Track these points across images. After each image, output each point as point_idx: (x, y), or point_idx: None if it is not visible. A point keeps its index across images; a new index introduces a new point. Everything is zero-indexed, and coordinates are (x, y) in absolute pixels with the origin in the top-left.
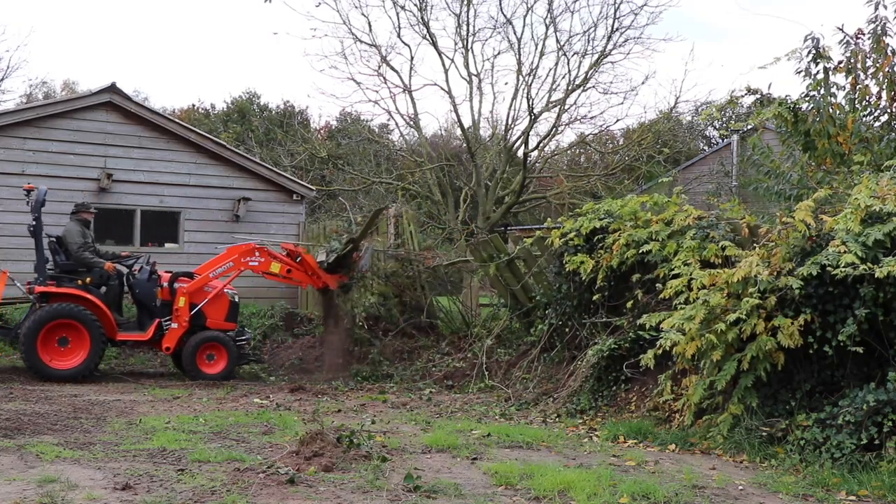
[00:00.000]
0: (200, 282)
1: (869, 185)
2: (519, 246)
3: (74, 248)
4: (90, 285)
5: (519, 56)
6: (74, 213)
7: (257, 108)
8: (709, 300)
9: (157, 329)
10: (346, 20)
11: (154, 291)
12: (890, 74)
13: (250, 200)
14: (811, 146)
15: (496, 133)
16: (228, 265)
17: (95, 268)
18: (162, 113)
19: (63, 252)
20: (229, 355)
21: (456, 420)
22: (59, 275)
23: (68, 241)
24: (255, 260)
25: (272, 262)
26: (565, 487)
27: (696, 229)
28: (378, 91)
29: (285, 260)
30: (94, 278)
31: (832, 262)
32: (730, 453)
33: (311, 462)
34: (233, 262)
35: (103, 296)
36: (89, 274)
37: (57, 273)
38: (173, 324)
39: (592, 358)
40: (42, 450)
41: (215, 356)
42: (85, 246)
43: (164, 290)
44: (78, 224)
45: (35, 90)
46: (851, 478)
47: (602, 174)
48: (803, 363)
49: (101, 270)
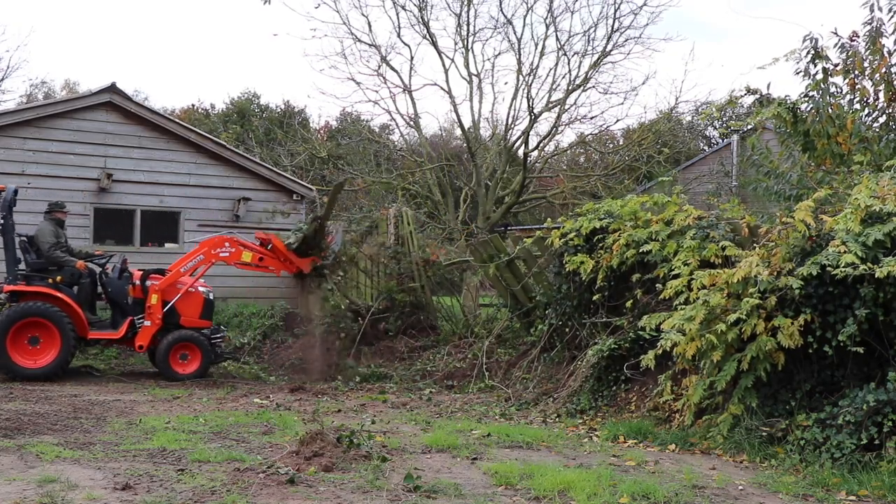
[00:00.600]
0: (172, 278)
1: (869, 185)
2: (519, 246)
3: (46, 248)
4: (61, 284)
5: (519, 56)
6: (48, 213)
7: (257, 108)
8: (709, 300)
9: (129, 327)
10: (345, 20)
11: (125, 289)
12: (887, 75)
13: (250, 200)
14: (811, 146)
15: (496, 133)
16: (199, 259)
17: (67, 267)
18: (162, 113)
19: (35, 251)
20: (203, 354)
21: (456, 420)
22: (30, 274)
23: (40, 241)
24: (226, 251)
25: (243, 252)
26: (565, 487)
27: (696, 229)
28: (378, 91)
29: (256, 248)
30: (65, 277)
31: (832, 262)
32: (730, 453)
33: (311, 462)
34: (203, 256)
35: (75, 294)
36: (60, 273)
37: (28, 272)
38: (146, 322)
39: (592, 358)
40: (42, 450)
41: (189, 355)
42: (57, 245)
43: (137, 288)
44: (51, 223)
45: (35, 90)
46: (851, 478)
47: (602, 174)
48: (803, 363)
49: (72, 269)
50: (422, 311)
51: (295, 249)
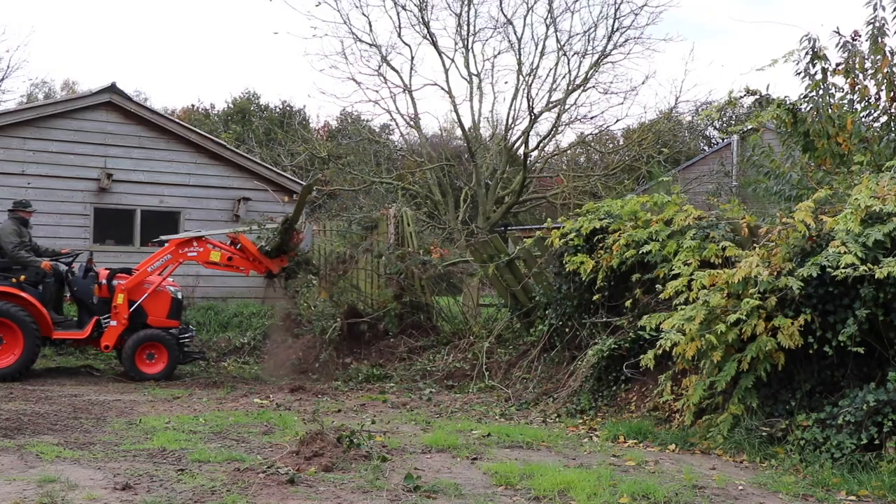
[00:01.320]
0: (138, 277)
1: (869, 186)
2: (519, 246)
3: (10, 248)
4: (25, 283)
5: (519, 56)
6: (11, 212)
7: (257, 108)
8: (709, 300)
9: (95, 327)
10: (346, 20)
11: (91, 289)
12: (889, 75)
13: (250, 200)
14: (811, 147)
15: (496, 133)
16: (166, 258)
17: (31, 266)
18: (162, 113)
19: None
20: (170, 354)
21: (456, 420)
22: None
23: (3, 240)
24: (194, 250)
25: (211, 252)
26: (565, 487)
27: (696, 229)
28: (378, 91)
29: (226, 248)
30: (29, 276)
31: (832, 263)
32: (730, 453)
33: (311, 462)
34: (171, 255)
35: (39, 294)
36: (24, 272)
37: None
38: (112, 321)
39: (592, 358)
40: (42, 450)
41: (155, 355)
42: (21, 245)
43: (103, 288)
44: (14, 223)
45: (35, 90)
46: (851, 478)
47: (602, 174)
48: (803, 363)
49: (37, 269)
50: (422, 312)
51: (266, 252)
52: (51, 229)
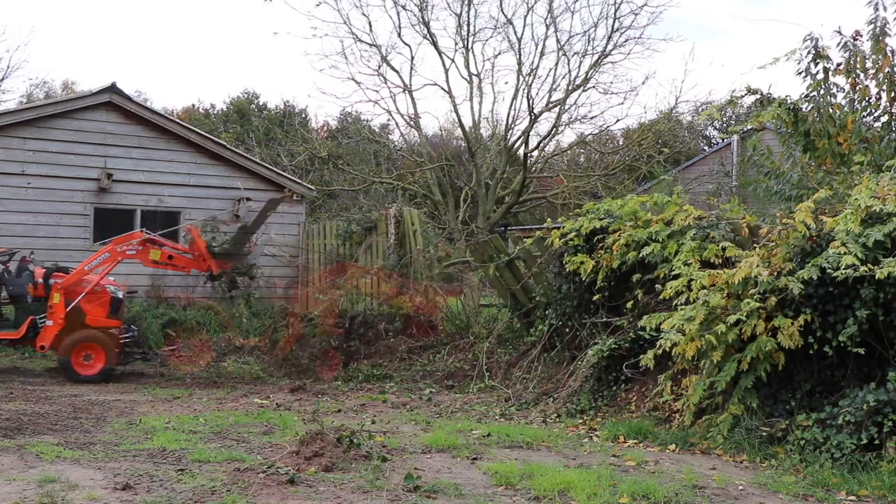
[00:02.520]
0: (75, 276)
1: (869, 186)
2: (519, 246)
3: None
4: None
5: (519, 56)
6: None
7: (257, 108)
8: (709, 301)
9: (30, 327)
10: (346, 20)
11: (25, 288)
12: (890, 75)
13: (251, 200)
14: (811, 146)
15: (496, 133)
16: (104, 256)
17: None
18: (162, 113)
19: None
20: (107, 355)
21: (456, 420)
22: None
23: None
24: (133, 249)
25: (151, 250)
26: (565, 487)
27: (696, 229)
28: (378, 91)
29: (170, 245)
30: None
31: (832, 263)
32: (730, 453)
33: (311, 462)
34: (109, 254)
35: None
36: None
37: None
38: (48, 321)
39: (592, 358)
40: (42, 450)
41: (92, 356)
42: None
43: (39, 287)
44: None
45: (35, 90)
46: (851, 478)
47: (602, 174)
48: (803, 363)
49: None
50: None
51: (215, 253)
52: (51, 229)
